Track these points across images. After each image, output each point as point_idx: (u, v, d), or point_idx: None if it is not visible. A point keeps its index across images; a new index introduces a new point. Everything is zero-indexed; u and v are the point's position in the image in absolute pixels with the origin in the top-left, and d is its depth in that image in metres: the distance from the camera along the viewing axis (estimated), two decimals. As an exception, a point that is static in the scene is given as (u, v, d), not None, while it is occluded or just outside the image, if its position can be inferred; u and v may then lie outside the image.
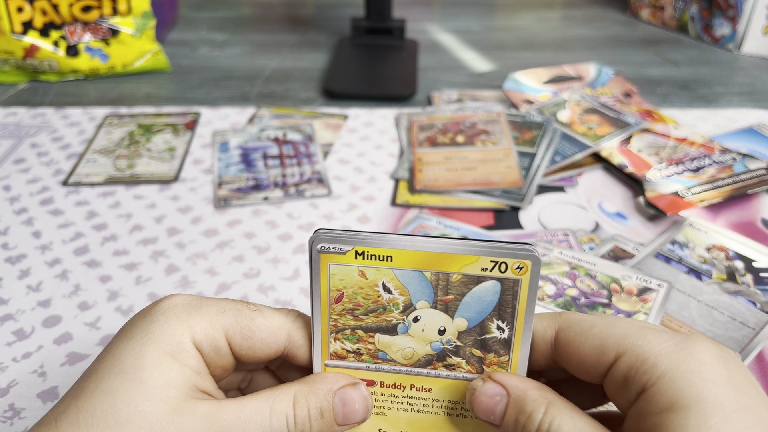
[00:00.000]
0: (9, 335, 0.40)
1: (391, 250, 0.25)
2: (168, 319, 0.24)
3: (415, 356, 0.26)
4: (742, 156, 0.56)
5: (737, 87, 0.76)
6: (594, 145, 0.59)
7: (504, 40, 0.93)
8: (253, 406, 0.24)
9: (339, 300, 0.26)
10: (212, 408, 0.23)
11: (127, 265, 0.46)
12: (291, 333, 0.26)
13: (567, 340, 0.24)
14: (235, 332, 0.25)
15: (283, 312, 0.27)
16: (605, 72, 0.74)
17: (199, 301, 0.25)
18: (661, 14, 0.96)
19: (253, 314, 0.26)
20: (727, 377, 0.21)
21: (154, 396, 0.22)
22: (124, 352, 0.23)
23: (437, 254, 0.25)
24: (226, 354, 0.25)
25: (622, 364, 0.22)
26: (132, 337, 0.24)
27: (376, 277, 0.26)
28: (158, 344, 0.23)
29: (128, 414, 0.22)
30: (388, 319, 0.26)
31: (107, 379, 0.22)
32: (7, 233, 0.50)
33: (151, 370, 0.23)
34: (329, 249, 0.26)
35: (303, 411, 0.25)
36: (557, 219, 0.52)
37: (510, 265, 0.25)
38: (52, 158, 0.60)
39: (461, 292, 0.25)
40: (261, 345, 0.25)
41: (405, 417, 0.27)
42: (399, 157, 0.61)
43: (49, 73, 0.76)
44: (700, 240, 0.47)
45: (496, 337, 0.26)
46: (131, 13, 0.75)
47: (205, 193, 0.55)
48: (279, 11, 1.05)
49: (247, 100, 0.73)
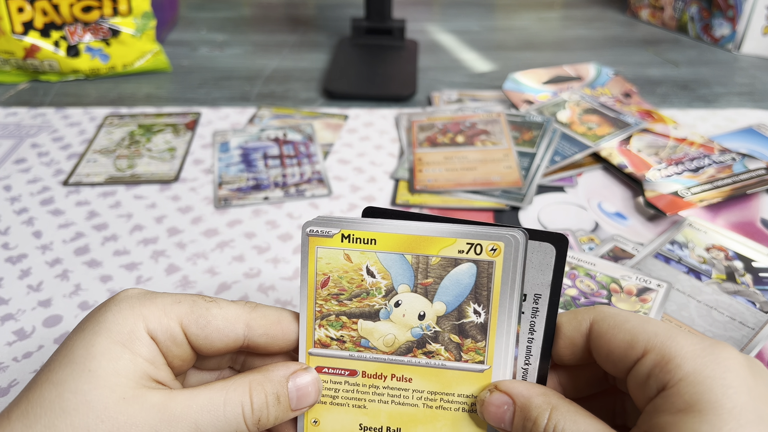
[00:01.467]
0: (10, 335, 0.40)
1: (375, 233, 0.26)
2: (120, 309, 0.24)
3: (396, 343, 0.27)
4: (741, 156, 0.57)
5: (737, 87, 0.76)
6: (594, 145, 0.59)
7: (504, 41, 0.93)
8: (206, 395, 0.24)
9: (325, 284, 0.27)
10: (163, 397, 0.23)
11: (128, 264, 0.47)
12: (250, 323, 0.26)
13: (600, 331, 0.25)
14: (190, 321, 0.25)
15: (241, 303, 0.27)
16: (605, 72, 0.74)
17: (153, 293, 0.26)
18: (661, 14, 0.96)
19: (209, 305, 0.26)
20: (749, 387, 0.21)
21: (102, 384, 0.22)
22: (75, 344, 0.23)
23: (418, 237, 0.26)
24: (182, 343, 0.25)
25: (648, 360, 0.23)
26: (84, 328, 0.24)
27: (360, 261, 0.27)
28: (109, 333, 0.23)
29: (75, 403, 0.22)
30: (370, 304, 0.27)
31: (57, 370, 0.23)
32: (8, 233, 0.50)
33: (100, 358, 0.23)
34: (317, 232, 0.27)
35: (260, 398, 0.25)
36: (557, 219, 0.52)
37: (484, 247, 0.26)
38: (53, 158, 0.60)
39: (440, 275, 0.26)
40: (218, 334, 0.26)
41: (386, 410, 0.28)
42: (399, 157, 0.61)
43: (50, 74, 0.76)
44: (699, 240, 0.47)
45: (473, 322, 0.27)
46: (132, 14, 0.75)
47: (206, 193, 0.55)
48: (279, 11, 1.05)
49: (247, 100, 0.73)
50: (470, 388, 0.27)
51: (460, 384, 0.27)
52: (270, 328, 0.27)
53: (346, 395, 0.28)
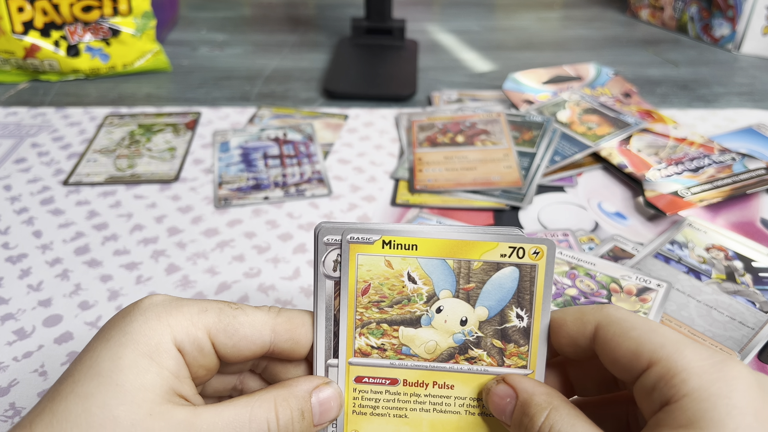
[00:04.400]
0: (10, 334, 0.40)
1: (417, 238, 0.26)
2: (147, 319, 0.24)
3: (437, 350, 0.27)
4: (741, 156, 0.57)
5: (736, 87, 0.76)
6: (594, 145, 0.59)
7: (504, 41, 0.93)
8: (231, 412, 0.24)
9: (365, 292, 0.27)
10: (189, 414, 0.23)
11: (128, 264, 0.47)
12: (275, 328, 0.26)
13: (605, 338, 0.24)
14: (218, 330, 0.25)
15: (265, 309, 0.27)
16: (605, 72, 0.74)
17: (179, 300, 0.25)
18: (661, 14, 0.96)
19: (235, 312, 0.26)
20: (756, 409, 0.20)
21: (130, 400, 0.22)
22: (101, 354, 0.23)
23: (459, 242, 0.26)
24: (209, 353, 0.25)
25: (653, 372, 0.22)
26: (110, 338, 0.23)
27: (402, 267, 0.26)
28: (136, 345, 0.23)
29: (102, 418, 0.21)
30: (412, 311, 0.27)
31: (83, 383, 0.22)
32: (8, 233, 0.50)
33: (127, 372, 0.22)
34: (358, 239, 0.26)
35: (286, 414, 0.25)
36: (557, 219, 0.52)
37: (527, 251, 0.26)
38: (53, 158, 0.60)
39: (482, 280, 0.26)
40: (246, 342, 0.25)
41: (427, 418, 0.27)
42: (399, 157, 0.61)
43: (50, 73, 0.76)
44: (699, 240, 0.47)
45: (516, 326, 0.26)
46: (132, 13, 0.75)
47: (206, 193, 0.55)
48: (279, 11, 1.05)
49: (247, 100, 0.73)
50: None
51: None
52: (295, 332, 0.26)
53: (386, 405, 0.27)
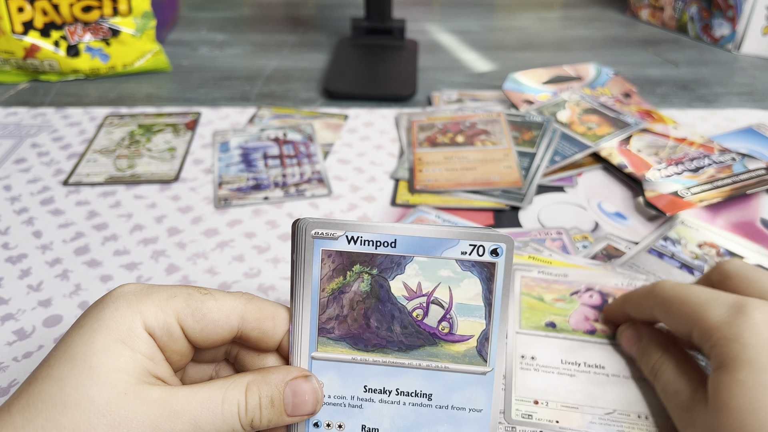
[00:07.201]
0: (10, 335, 0.40)
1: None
2: (118, 306, 0.24)
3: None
4: (741, 156, 0.57)
5: (736, 87, 0.76)
6: (594, 145, 0.59)
7: (504, 41, 0.93)
8: (206, 392, 0.24)
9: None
10: (164, 393, 0.23)
11: (128, 264, 0.47)
12: (245, 315, 0.26)
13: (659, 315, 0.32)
14: (186, 315, 0.25)
15: (236, 295, 0.27)
16: (605, 72, 0.74)
17: (150, 288, 0.26)
18: (661, 14, 0.96)
19: (204, 297, 0.26)
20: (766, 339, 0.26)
21: (104, 381, 0.22)
22: (74, 340, 0.23)
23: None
24: (179, 338, 0.25)
25: (694, 337, 0.29)
26: (83, 325, 0.24)
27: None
28: (108, 331, 0.24)
29: (77, 398, 0.22)
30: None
31: (57, 366, 0.23)
32: (8, 233, 0.50)
33: (100, 355, 0.23)
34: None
35: (254, 399, 0.25)
36: (557, 219, 0.52)
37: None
38: (53, 158, 0.60)
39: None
40: (213, 326, 0.26)
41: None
42: (399, 157, 0.61)
43: (50, 73, 0.76)
44: (691, 237, 0.48)
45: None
46: (132, 14, 0.75)
47: (206, 193, 0.55)
48: (279, 11, 1.06)
49: (247, 100, 0.73)
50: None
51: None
52: (263, 322, 0.27)
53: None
